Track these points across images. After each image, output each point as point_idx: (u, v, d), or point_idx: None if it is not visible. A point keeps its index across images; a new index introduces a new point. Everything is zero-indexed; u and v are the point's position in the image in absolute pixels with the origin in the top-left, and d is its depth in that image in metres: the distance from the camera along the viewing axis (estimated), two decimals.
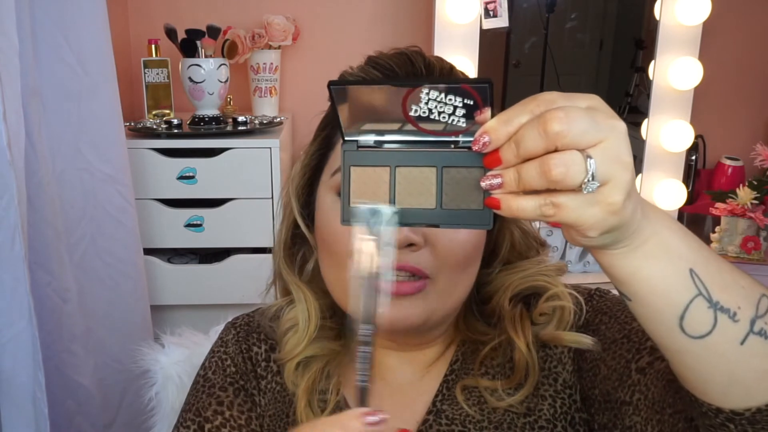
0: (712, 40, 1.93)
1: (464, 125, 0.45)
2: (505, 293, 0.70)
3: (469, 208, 0.46)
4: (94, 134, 1.49)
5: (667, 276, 0.45)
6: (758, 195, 1.82)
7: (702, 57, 1.88)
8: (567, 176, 0.40)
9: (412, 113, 0.45)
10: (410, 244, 0.61)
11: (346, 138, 0.48)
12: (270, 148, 1.68)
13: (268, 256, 0.76)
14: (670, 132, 1.94)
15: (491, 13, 1.82)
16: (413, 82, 0.44)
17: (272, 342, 0.75)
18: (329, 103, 0.72)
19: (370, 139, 0.47)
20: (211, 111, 1.76)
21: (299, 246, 0.74)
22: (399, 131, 0.47)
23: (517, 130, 0.41)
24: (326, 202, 0.67)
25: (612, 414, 0.63)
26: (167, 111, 1.84)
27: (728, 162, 2.07)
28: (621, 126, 0.41)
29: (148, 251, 1.70)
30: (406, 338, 0.70)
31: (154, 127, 1.75)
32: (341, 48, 2.04)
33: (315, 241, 0.70)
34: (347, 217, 0.47)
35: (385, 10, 2.07)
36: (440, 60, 0.69)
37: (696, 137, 1.98)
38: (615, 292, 0.74)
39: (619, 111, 2.23)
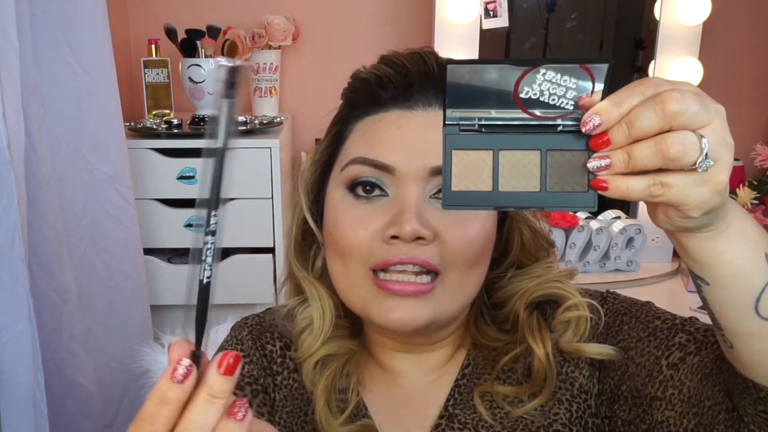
0: (712, 40, 1.93)
1: (571, 108, 0.45)
2: (521, 300, 0.70)
3: (573, 190, 0.46)
4: (94, 134, 1.48)
5: (746, 259, 0.47)
6: (758, 195, 1.82)
7: (702, 57, 1.88)
8: (685, 154, 0.41)
9: (522, 95, 0.45)
10: (419, 238, 0.61)
11: (447, 122, 0.47)
12: (270, 148, 1.67)
13: (269, 257, 0.76)
14: None
15: (491, 13, 1.82)
16: (534, 61, 0.44)
17: (286, 340, 0.75)
18: (341, 101, 0.72)
19: (473, 122, 0.47)
20: (211, 111, 1.76)
21: (310, 243, 0.74)
22: (500, 115, 0.47)
23: (629, 112, 0.42)
24: (335, 197, 0.67)
25: (640, 410, 0.63)
26: (167, 111, 1.84)
27: None
28: (723, 110, 0.43)
29: (148, 251, 1.70)
30: (413, 339, 0.69)
31: (154, 127, 1.75)
32: (341, 48, 2.04)
33: (323, 238, 0.70)
34: (450, 202, 0.47)
35: (385, 10, 2.07)
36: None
37: None
38: (618, 292, 0.74)
39: None
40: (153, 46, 1.83)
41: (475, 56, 1.83)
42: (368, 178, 0.64)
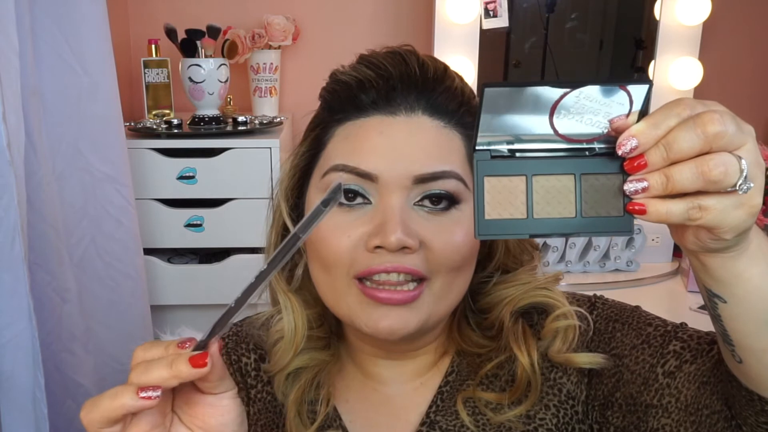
0: (712, 40, 1.93)
1: (605, 130, 0.44)
2: (507, 308, 0.69)
3: (609, 215, 0.45)
4: (94, 134, 1.48)
5: (764, 276, 0.47)
6: None
7: (702, 57, 1.88)
8: (727, 176, 0.40)
9: (558, 117, 0.44)
10: (404, 248, 0.60)
11: (477, 147, 0.46)
12: (270, 148, 1.68)
13: None
14: None
15: (491, 13, 1.82)
16: (575, 83, 0.43)
17: (261, 352, 0.75)
18: (319, 103, 0.70)
19: (504, 147, 0.46)
20: (211, 111, 1.76)
21: None
22: (531, 138, 0.45)
23: (666, 134, 0.41)
24: (316, 203, 0.65)
25: (635, 417, 0.63)
26: (167, 111, 1.84)
27: None
28: (753, 131, 0.43)
29: (148, 251, 1.70)
30: (397, 345, 0.68)
31: (154, 127, 1.75)
32: (341, 48, 2.03)
33: (303, 245, 0.69)
34: (483, 231, 0.46)
35: (385, 10, 2.07)
36: (434, 60, 0.68)
37: None
38: (605, 294, 0.74)
39: None
40: (153, 46, 1.82)
41: (475, 56, 1.83)
42: (350, 185, 0.62)
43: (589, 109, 0.43)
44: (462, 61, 1.82)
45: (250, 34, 1.91)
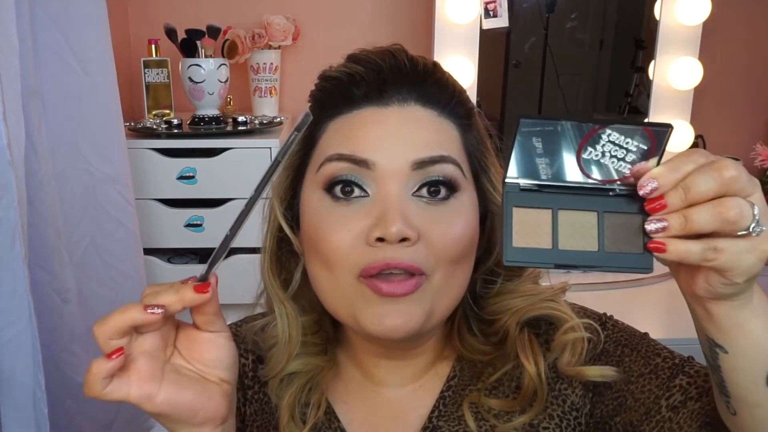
0: (712, 40, 1.93)
1: (627, 171, 0.48)
2: (512, 318, 0.68)
3: (629, 252, 0.48)
4: (94, 134, 1.48)
5: (765, 331, 0.49)
6: None
7: (702, 57, 1.88)
8: (742, 217, 0.43)
9: (585, 154, 0.48)
10: (404, 239, 0.59)
11: (507, 179, 0.50)
12: (270, 148, 1.68)
13: None
14: None
15: (491, 13, 1.82)
16: (602, 122, 0.47)
17: (260, 353, 0.74)
18: (309, 103, 0.69)
19: (532, 181, 0.49)
20: (211, 111, 1.76)
21: (287, 255, 0.71)
22: (559, 174, 0.49)
23: (684, 177, 0.45)
24: (312, 200, 0.64)
25: None
26: (167, 111, 1.84)
27: None
28: (759, 184, 0.46)
29: (148, 251, 1.70)
30: (398, 344, 0.67)
31: (154, 127, 1.75)
32: (341, 48, 2.02)
33: (301, 245, 0.68)
34: (511, 258, 0.49)
35: (385, 10, 2.07)
36: (423, 57, 0.68)
37: (696, 137, 1.98)
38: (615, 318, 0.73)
39: (619, 111, 2.23)
40: (153, 46, 1.83)
41: (475, 56, 1.83)
42: (346, 176, 0.61)
43: (614, 149, 0.47)
44: (462, 61, 1.82)
45: (250, 34, 1.91)
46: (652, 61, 1.91)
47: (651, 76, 1.93)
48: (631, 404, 0.64)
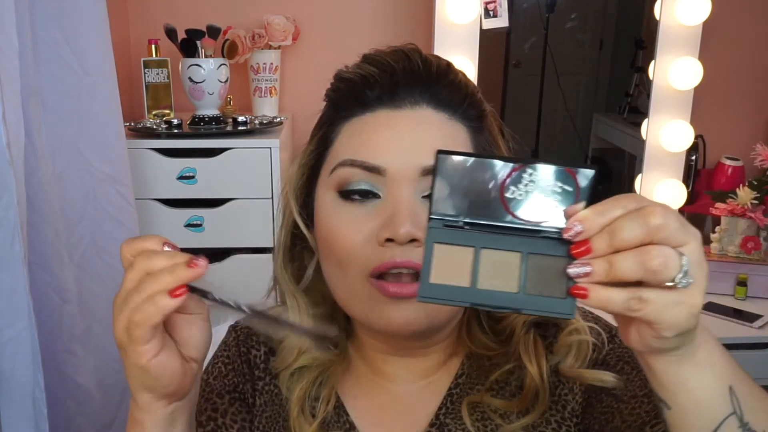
0: (712, 40, 1.93)
1: (555, 213, 0.46)
2: (518, 318, 0.69)
3: (551, 295, 0.46)
4: (94, 134, 1.48)
5: (709, 389, 0.47)
6: (758, 195, 1.82)
7: (702, 57, 1.88)
8: (666, 267, 0.41)
9: (508, 194, 0.46)
10: (413, 240, 0.60)
11: (432, 215, 0.48)
12: (270, 148, 1.68)
13: (269, 256, 0.76)
14: (670, 132, 1.94)
15: (491, 13, 1.82)
16: (522, 160, 0.45)
17: (272, 345, 0.75)
18: (324, 103, 0.71)
19: (458, 218, 0.48)
20: (211, 111, 1.76)
21: (300, 250, 0.73)
22: (485, 213, 0.47)
23: (611, 222, 0.43)
24: (326, 200, 0.66)
25: None
26: (167, 111, 1.84)
27: (728, 162, 2.07)
28: (699, 234, 0.44)
29: None
30: (409, 341, 0.69)
31: (154, 127, 1.75)
32: (341, 48, 2.04)
33: (315, 242, 0.70)
34: (426, 294, 0.47)
35: (385, 10, 2.07)
36: (437, 57, 0.68)
37: (696, 137, 1.98)
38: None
39: (619, 111, 2.23)
40: (153, 46, 1.83)
41: (475, 56, 1.83)
42: (359, 184, 0.63)
43: (537, 189, 0.46)
44: (462, 61, 1.82)
45: (250, 34, 1.91)
46: (652, 61, 1.91)
47: (651, 76, 1.93)
48: (618, 424, 0.64)
